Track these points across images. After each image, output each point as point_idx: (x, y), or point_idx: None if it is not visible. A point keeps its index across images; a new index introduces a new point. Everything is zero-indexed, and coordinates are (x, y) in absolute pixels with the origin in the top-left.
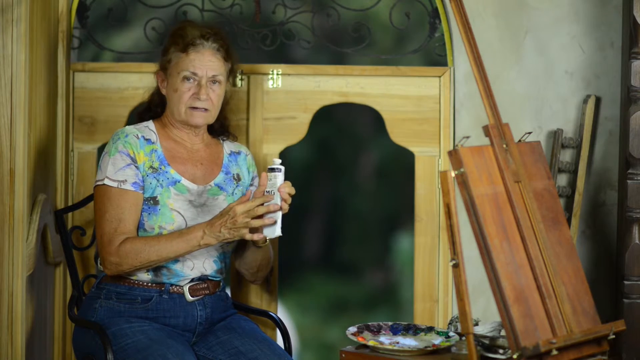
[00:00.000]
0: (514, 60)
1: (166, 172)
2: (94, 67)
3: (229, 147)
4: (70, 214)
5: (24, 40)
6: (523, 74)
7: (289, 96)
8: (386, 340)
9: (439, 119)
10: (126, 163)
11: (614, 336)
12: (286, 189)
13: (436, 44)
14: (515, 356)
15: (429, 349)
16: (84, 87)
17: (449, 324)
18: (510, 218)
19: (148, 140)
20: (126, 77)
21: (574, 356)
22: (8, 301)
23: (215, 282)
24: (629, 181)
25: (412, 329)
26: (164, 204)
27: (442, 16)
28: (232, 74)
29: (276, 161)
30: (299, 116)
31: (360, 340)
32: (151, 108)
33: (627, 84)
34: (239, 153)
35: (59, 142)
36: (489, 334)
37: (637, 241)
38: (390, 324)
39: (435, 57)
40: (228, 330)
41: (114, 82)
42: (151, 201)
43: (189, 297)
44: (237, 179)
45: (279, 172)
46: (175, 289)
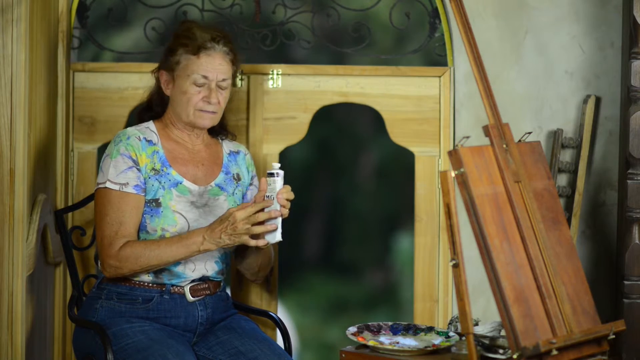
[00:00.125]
0: (514, 60)
1: (168, 173)
2: (94, 67)
3: (228, 146)
4: (70, 214)
5: (24, 40)
6: (523, 74)
7: (289, 96)
8: (386, 340)
9: (439, 119)
10: (128, 166)
11: (614, 336)
12: (285, 194)
13: (436, 44)
14: (515, 356)
15: (429, 349)
16: (84, 87)
17: (449, 324)
18: (510, 218)
19: (150, 141)
20: (126, 77)
21: (574, 356)
22: (8, 301)
23: (216, 282)
24: (629, 181)
25: (412, 329)
26: (167, 206)
27: (442, 16)
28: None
29: (275, 165)
30: (299, 116)
31: (360, 340)
32: (151, 108)
33: (627, 84)
34: (238, 152)
35: (59, 142)
36: (489, 334)
37: (637, 241)
38: (390, 324)
39: (435, 57)
40: (228, 330)
41: (114, 82)
42: (153, 203)
43: (189, 298)
44: (237, 178)
45: (278, 176)
46: (176, 289)
